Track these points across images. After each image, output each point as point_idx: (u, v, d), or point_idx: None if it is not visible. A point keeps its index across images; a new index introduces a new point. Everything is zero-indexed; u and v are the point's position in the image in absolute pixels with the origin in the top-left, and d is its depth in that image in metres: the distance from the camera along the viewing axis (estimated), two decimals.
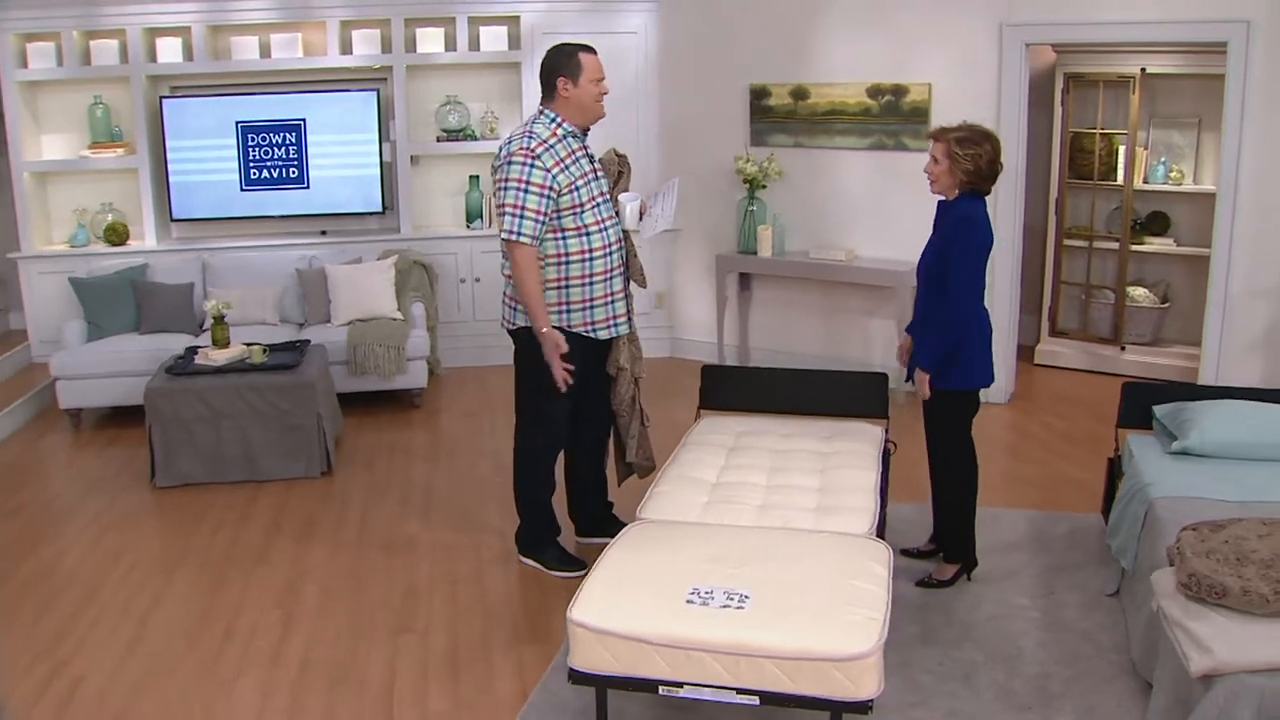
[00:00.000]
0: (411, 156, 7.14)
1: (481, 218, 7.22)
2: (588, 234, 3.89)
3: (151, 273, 6.44)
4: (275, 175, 6.92)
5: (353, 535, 4.62)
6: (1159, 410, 4.25)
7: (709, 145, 6.94)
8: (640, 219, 4.12)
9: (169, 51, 6.70)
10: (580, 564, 4.08)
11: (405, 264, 6.65)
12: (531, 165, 3.74)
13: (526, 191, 3.74)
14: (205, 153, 6.81)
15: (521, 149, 3.76)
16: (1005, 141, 5.76)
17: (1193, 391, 4.36)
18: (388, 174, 7.07)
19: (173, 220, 6.92)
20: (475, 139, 7.14)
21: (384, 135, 7.01)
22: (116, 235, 6.75)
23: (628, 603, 2.95)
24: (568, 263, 3.88)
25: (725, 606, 2.88)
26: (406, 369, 6.23)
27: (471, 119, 7.22)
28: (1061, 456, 5.34)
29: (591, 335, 4.00)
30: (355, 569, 4.29)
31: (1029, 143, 6.03)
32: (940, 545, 4.10)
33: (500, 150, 3.83)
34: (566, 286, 3.91)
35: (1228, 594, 2.75)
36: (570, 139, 3.88)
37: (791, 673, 2.74)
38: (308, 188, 6.97)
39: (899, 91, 6.13)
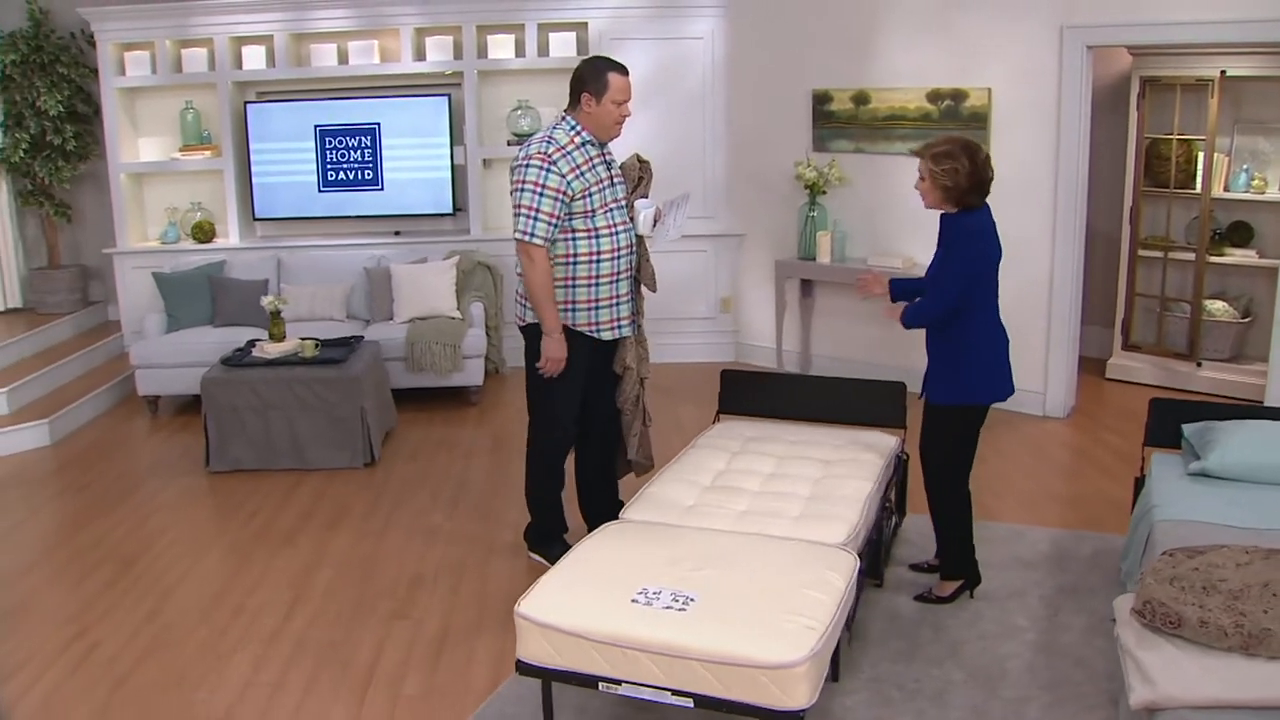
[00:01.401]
0: (484, 160, 7.33)
1: None
2: (598, 236, 3.97)
3: (229, 269, 6.79)
4: (351, 177, 7.21)
5: (379, 524, 4.79)
6: (1188, 429, 4.04)
7: (773, 150, 6.91)
8: (655, 225, 4.16)
9: (254, 59, 7.06)
10: None
11: (469, 264, 6.83)
12: (548, 170, 3.83)
13: (541, 195, 3.83)
14: (286, 155, 7.15)
15: (539, 153, 3.86)
16: (1067, 147, 5.66)
17: (1225, 410, 4.13)
18: (459, 177, 7.27)
19: (255, 219, 7.29)
20: None
21: (455, 139, 7.22)
22: (203, 233, 7.15)
23: (575, 599, 3.00)
24: (575, 263, 3.96)
25: (668, 608, 2.90)
26: (463, 366, 6.40)
27: (542, 123, 7.36)
28: (1108, 475, 5.12)
29: (595, 335, 4.07)
30: (371, 556, 4.46)
31: (1092, 148, 5.79)
32: (940, 561, 4.00)
33: (519, 153, 3.94)
34: (573, 286, 3.99)
35: (1183, 624, 2.62)
36: (588, 146, 3.96)
37: (722, 677, 2.74)
38: (382, 189, 7.24)
39: (958, 96, 5.99)
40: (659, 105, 7.12)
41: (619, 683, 2.88)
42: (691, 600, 2.93)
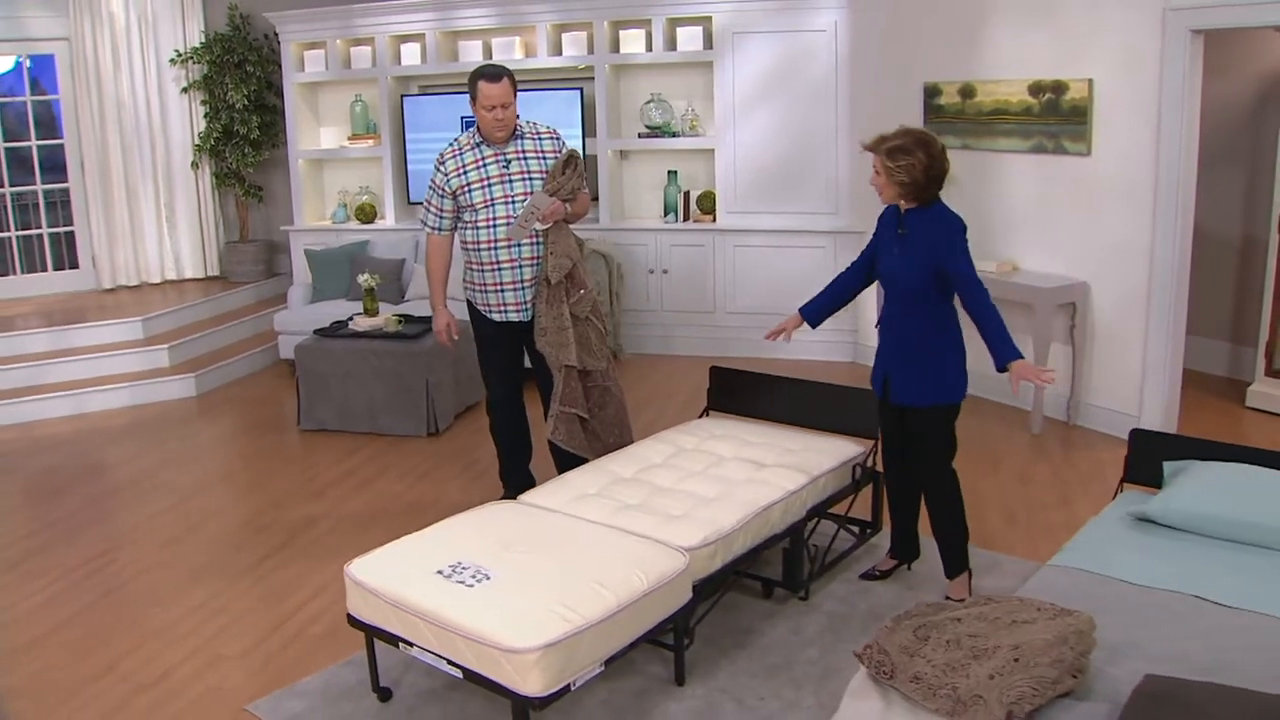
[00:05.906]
0: (621, 151, 7.58)
1: (675, 212, 7.49)
2: (476, 229, 4.39)
3: (372, 248, 7.48)
4: None
5: (403, 487, 5.19)
6: (1169, 467, 3.59)
7: None
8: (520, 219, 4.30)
9: (410, 55, 7.69)
10: None
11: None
12: (436, 168, 4.45)
13: (430, 189, 4.49)
14: (437, 144, 7.64)
15: (440, 153, 4.41)
16: (1168, 143, 5.09)
17: (1220, 450, 3.61)
18: (590, 167, 7.54)
19: (410, 203, 7.95)
20: (674, 135, 7.41)
21: (588, 131, 7.50)
22: (365, 214, 7.90)
23: (393, 564, 3.21)
24: (466, 250, 4.46)
25: (461, 583, 3.04)
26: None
27: (674, 115, 7.49)
28: None
29: (488, 315, 4.48)
30: (375, 514, 4.86)
31: (1246, 149, 5.14)
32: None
33: None
34: (469, 269, 4.48)
35: (895, 676, 2.41)
36: (481, 147, 4.36)
37: (475, 653, 2.86)
38: None
39: (1059, 89, 5.50)
40: (782, 99, 7.05)
41: (411, 645, 3.06)
42: (486, 579, 3.05)
